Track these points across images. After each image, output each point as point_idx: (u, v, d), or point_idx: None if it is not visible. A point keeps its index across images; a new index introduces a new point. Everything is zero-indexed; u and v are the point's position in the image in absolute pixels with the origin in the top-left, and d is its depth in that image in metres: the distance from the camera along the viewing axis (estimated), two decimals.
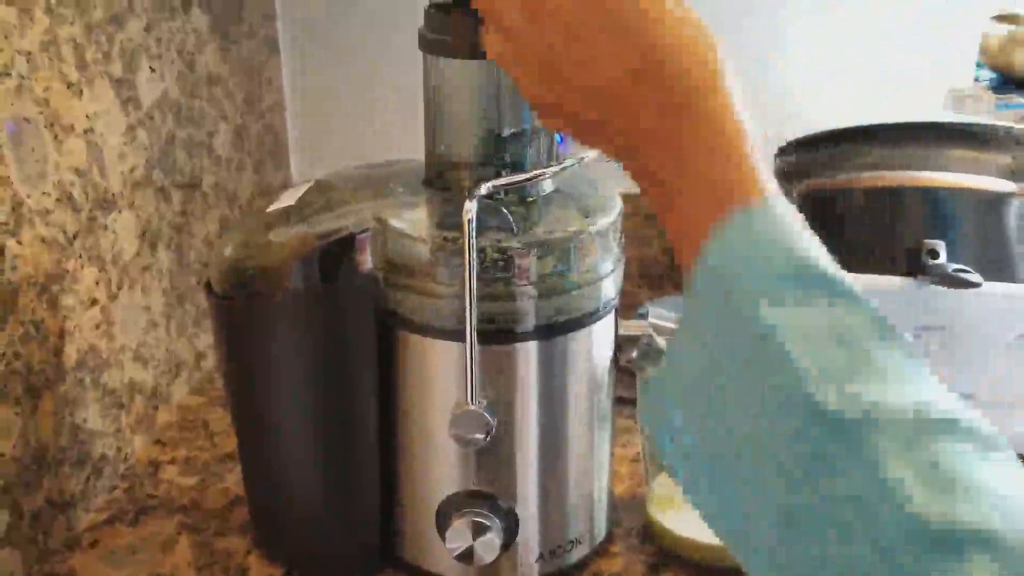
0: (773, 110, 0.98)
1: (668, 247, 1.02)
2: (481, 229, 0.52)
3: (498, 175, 0.55)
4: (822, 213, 0.78)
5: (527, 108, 0.55)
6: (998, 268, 0.72)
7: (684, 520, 0.63)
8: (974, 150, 0.76)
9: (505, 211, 0.55)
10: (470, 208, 0.50)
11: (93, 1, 0.67)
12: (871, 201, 0.77)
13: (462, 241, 0.51)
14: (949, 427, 0.33)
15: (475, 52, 0.51)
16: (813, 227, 0.39)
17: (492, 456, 0.57)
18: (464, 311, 0.52)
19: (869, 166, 0.77)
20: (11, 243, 0.59)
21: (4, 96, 0.58)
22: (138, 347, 0.75)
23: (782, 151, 0.87)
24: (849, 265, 0.73)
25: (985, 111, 0.98)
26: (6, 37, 0.58)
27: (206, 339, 0.87)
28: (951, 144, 0.76)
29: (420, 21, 0.55)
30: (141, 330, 0.75)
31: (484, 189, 0.52)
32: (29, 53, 0.60)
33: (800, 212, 0.39)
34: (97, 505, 0.70)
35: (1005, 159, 0.76)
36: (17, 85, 0.59)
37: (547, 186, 0.57)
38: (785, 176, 0.85)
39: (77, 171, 0.66)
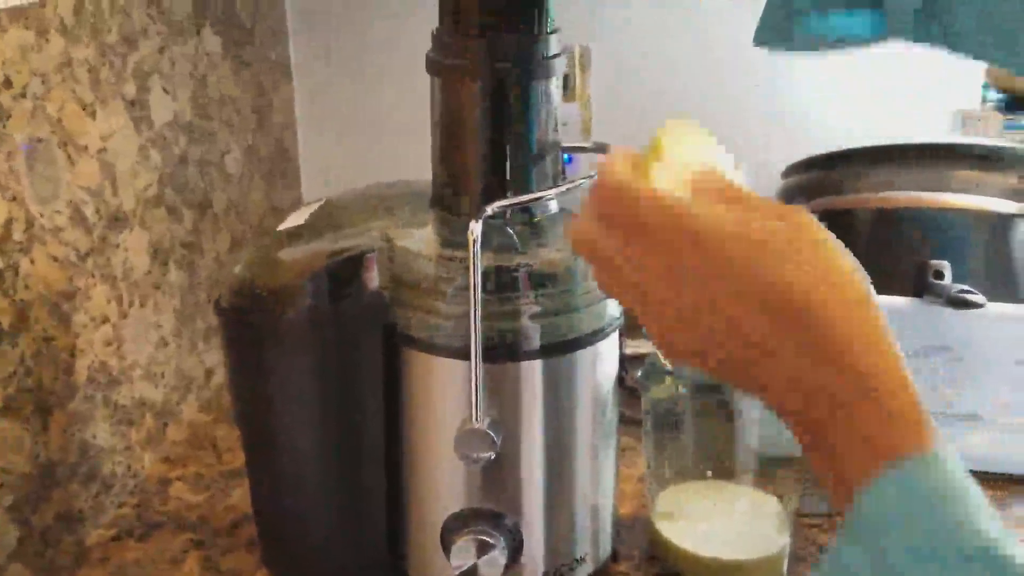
0: (783, 130, 0.98)
1: None
2: (486, 249, 0.53)
3: (503, 196, 0.55)
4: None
5: (532, 130, 0.55)
6: (1004, 289, 0.72)
7: (689, 535, 0.63)
8: (980, 171, 0.76)
9: (510, 231, 0.55)
10: (475, 229, 0.51)
11: (107, 23, 0.68)
12: (878, 221, 0.77)
13: (467, 261, 0.51)
14: None
15: (480, 76, 0.52)
16: None
17: (497, 474, 0.58)
18: (469, 330, 0.52)
19: (877, 186, 0.78)
20: (24, 261, 0.60)
21: (20, 117, 0.59)
22: (148, 364, 0.76)
23: (791, 171, 0.88)
24: None
25: (994, 132, 0.99)
26: (23, 58, 0.59)
27: (215, 356, 0.88)
28: (958, 165, 0.76)
29: (428, 43, 0.56)
30: (151, 347, 0.76)
31: (490, 210, 0.53)
32: (44, 74, 0.61)
33: None
34: (106, 521, 0.70)
35: (1011, 180, 0.76)
36: (32, 107, 0.60)
37: (552, 206, 0.58)
38: (793, 195, 0.85)
39: (89, 190, 0.67)
